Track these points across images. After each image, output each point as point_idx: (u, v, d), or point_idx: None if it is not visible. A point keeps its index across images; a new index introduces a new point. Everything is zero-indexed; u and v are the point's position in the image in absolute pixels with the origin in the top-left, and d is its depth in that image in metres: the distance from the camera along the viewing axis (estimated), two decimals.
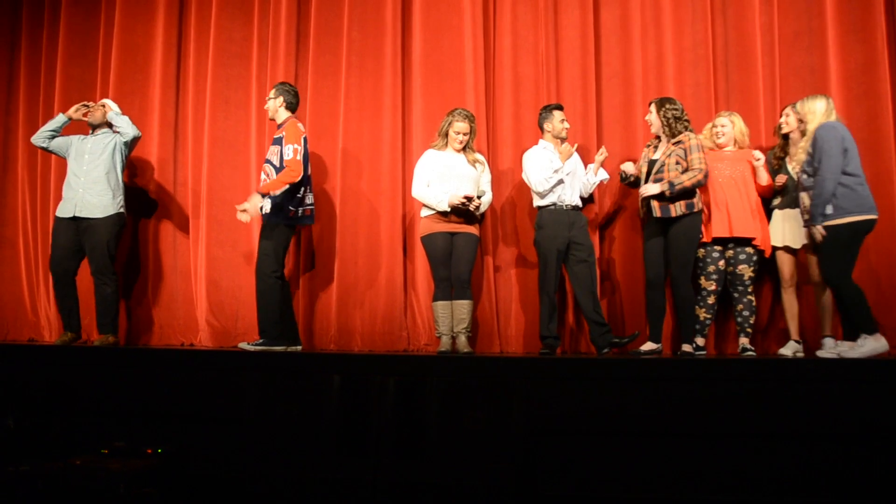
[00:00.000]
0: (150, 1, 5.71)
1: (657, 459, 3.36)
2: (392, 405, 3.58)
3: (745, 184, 4.42)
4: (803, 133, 4.12)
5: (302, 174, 4.47)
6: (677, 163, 4.30)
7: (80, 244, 4.86)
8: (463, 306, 4.41)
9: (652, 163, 4.43)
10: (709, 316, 4.46)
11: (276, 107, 4.66)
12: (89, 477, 3.25)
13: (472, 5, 5.22)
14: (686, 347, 4.37)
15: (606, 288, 4.94)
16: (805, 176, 4.01)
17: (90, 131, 5.05)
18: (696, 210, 4.30)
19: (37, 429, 3.87)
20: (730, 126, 4.52)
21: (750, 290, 4.39)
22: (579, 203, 4.59)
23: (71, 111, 5.02)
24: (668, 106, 4.40)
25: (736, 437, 3.34)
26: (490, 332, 4.98)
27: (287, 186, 4.43)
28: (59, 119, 5.02)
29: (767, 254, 4.37)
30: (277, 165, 4.51)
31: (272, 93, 4.70)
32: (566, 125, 4.61)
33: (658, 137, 4.50)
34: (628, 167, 4.58)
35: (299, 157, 4.44)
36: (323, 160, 5.36)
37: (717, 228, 4.40)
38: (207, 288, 5.30)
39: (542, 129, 4.65)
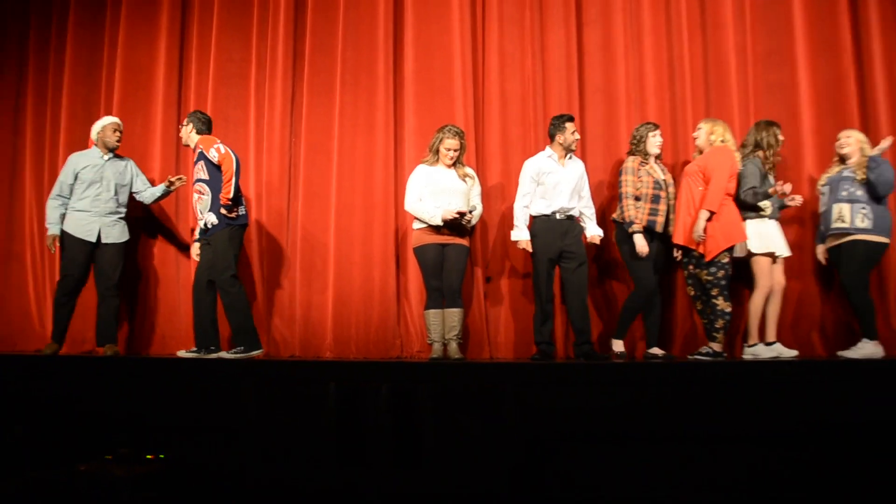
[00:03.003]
0: (153, 22, 5.89)
1: (652, 463, 3.49)
2: (387, 412, 3.69)
3: (689, 191, 4.54)
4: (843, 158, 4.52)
5: (235, 165, 4.63)
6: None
7: (91, 260, 5.05)
8: (454, 314, 4.56)
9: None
10: (705, 320, 4.54)
11: (187, 133, 4.93)
12: (94, 483, 3.39)
13: (461, 25, 5.42)
14: (654, 351, 4.64)
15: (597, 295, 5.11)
16: (853, 190, 4.36)
17: (102, 153, 5.14)
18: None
19: (44, 436, 4.00)
20: (699, 133, 4.66)
21: (714, 293, 4.41)
22: (573, 210, 4.69)
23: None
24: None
25: (727, 440, 3.48)
26: (480, 339, 5.14)
27: (236, 177, 4.62)
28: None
29: (707, 257, 4.40)
30: (207, 178, 4.70)
31: (185, 121, 4.97)
32: (576, 136, 4.73)
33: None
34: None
35: (224, 150, 4.65)
36: (318, 176, 5.54)
37: (674, 236, 4.59)
38: None
39: (551, 138, 4.76)
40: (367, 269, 5.35)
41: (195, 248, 5.05)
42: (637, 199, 4.60)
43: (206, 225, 4.72)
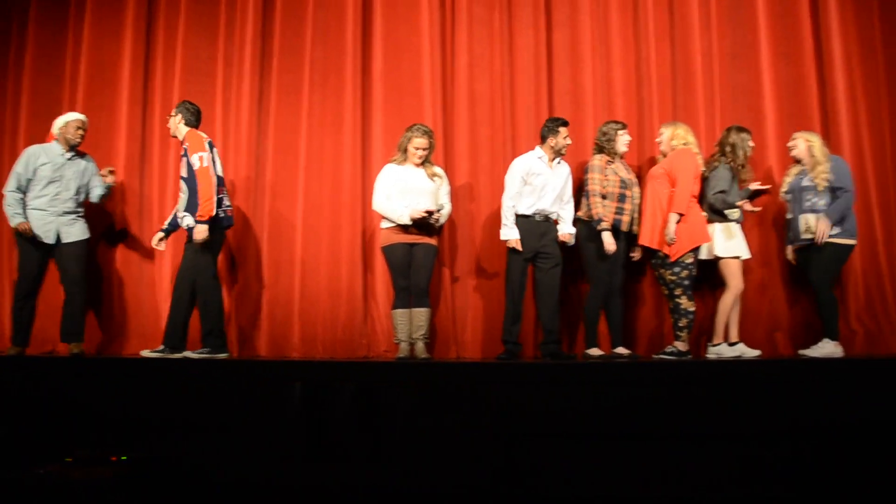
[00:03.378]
0: (119, 18, 5.82)
1: (626, 460, 3.49)
2: (352, 410, 3.69)
3: (655, 194, 4.59)
4: (796, 160, 4.61)
5: (213, 178, 4.61)
6: None
7: (47, 261, 4.92)
8: (421, 314, 4.57)
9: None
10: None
11: (175, 124, 4.83)
12: (52, 486, 3.33)
13: (430, 26, 5.43)
14: (619, 350, 4.69)
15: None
16: (815, 200, 4.45)
17: (63, 150, 4.95)
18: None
19: (2, 438, 3.89)
20: (662, 137, 4.72)
21: (677, 293, 4.46)
22: (553, 213, 4.72)
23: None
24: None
25: (704, 438, 3.51)
26: (447, 338, 5.15)
27: (215, 193, 4.59)
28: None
29: (672, 258, 4.45)
30: (186, 177, 4.67)
31: (173, 111, 4.87)
32: (568, 141, 4.76)
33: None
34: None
35: (206, 163, 4.59)
36: (286, 175, 5.51)
37: (640, 238, 4.64)
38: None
39: (543, 139, 4.77)
40: (334, 269, 5.33)
41: (156, 238, 4.93)
42: (603, 197, 4.64)
43: (185, 225, 4.67)
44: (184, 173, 4.69)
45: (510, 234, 4.66)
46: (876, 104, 4.99)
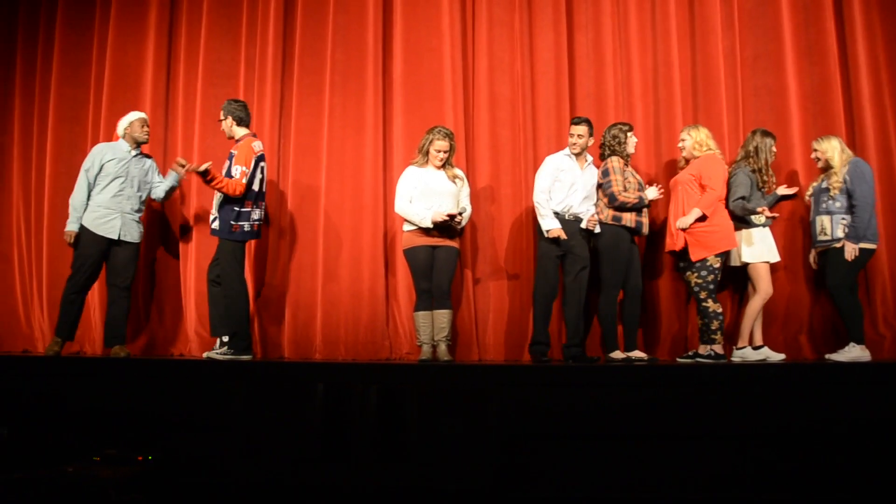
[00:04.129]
0: (142, 22, 5.87)
1: (629, 461, 3.52)
2: (374, 412, 3.72)
3: (682, 199, 4.59)
4: (823, 168, 4.56)
5: (243, 192, 4.64)
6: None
7: (105, 258, 4.90)
8: (443, 316, 4.57)
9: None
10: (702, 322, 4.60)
11: (229, 126, 4.85)
12: (80, 484, 3.38)
13: (450, 28, 5.44)
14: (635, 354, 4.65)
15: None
16: (830, 203, 4.45)
17: (130, 147, 4.99)
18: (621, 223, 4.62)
19: (30, 437, 3.97)
20: (684, 143, 4.70)
21: (702, 296, 4.47)
22: (582, 212, 4.69)
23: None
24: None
25: (713, 440, 3.54)
26: (469, 340, 5.15)
27: (220, 195, 4.65)
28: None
29: (693, 258, 4.46)
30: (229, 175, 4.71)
31: (221, 114, 4.88)
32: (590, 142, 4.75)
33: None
34: None
35: (245, 179, 4.64)
36: (307, 177, 5.54)
37: (667, 245, 4.65)
38: (196, 300, 5.43)
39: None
40: (356, 271, 5.35)
41: (184, 164, 4.83)
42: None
43: (212, 229, 4.74)
44: (226, 172, 4.75)
45: (552, 223, 4.61)
46: None
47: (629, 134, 4.72)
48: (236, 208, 4.69)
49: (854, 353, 4.35)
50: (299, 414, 3.78)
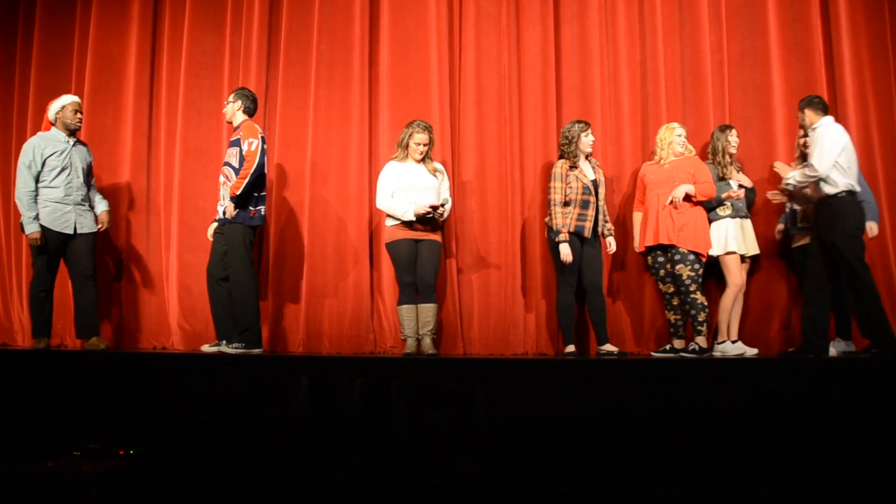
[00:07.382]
0: (124, 12, 5.79)
1: (617, 456, 3.54)
2: (359, 406, 3.71)
3: (663, 197, 4.61)
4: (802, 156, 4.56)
5: (259, 164, 4.56)
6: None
7: (63, 252, 4.86)
8: (427, 310, 4.57)
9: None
10: (678, 317, 4.65)
11: (233, 110, 4.77)
12: (62, 479, 3.36)
13: (437, 20, 5.40)
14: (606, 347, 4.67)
15: None
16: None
17: (65, 136, 4.86)
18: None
19: (10, 432, 3.94)
20: (682, 139, 4.73)
21: (692, 288, 4.48)
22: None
23: None
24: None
25: (697, 434, 3.56)
26: (454, 334, 5.15)
27: (250, 178, 4.55)
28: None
29: (682, 246, 4.52)
30: (236, 167, 4.63)
31: (231, 97, 4.82)
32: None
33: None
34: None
35: (254, 147, 4.56)
36: (292, 169, 5.50)
37: (648, 237, 4.65)
38: (179, 293, 5.41)
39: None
40: (340, 264, 5.32)
41: (211, 229, 4.87)
42: (566, 204, 4.61)
43: (223, 213, 4.67)
44: (232, 162, 4.66)
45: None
46: (886, 103, 4.99)
47: (584, 133, 4.68)
48: (255, 193, 4.64)
49: (840, 346, 4.44)
50: (284, 408, 3.77)
